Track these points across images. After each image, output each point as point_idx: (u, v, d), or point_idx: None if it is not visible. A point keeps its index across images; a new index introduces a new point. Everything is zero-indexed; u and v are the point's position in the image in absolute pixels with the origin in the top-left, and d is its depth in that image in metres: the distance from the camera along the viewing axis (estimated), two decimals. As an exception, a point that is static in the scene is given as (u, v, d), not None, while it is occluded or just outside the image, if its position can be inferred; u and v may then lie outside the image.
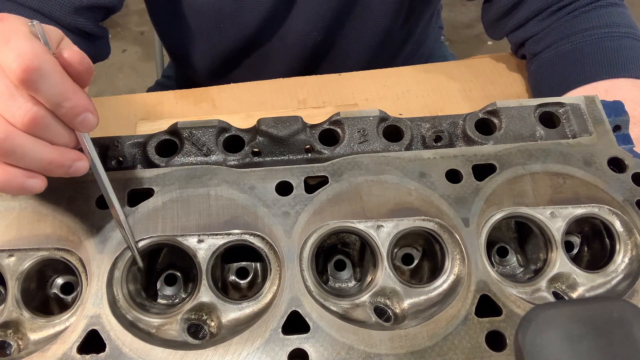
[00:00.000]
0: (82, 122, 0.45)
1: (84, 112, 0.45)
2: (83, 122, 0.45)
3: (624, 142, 0.61)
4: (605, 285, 0.54)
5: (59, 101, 0.43)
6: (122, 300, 0.52)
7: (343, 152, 0.59)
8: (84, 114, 0.45)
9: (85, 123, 0.45)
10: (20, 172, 0.45)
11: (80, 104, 0.44)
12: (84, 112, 0.45)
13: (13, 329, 0.52)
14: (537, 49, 0.84)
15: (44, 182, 0.46)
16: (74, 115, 0.44)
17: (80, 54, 0.44)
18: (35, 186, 0.46)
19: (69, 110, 0.44)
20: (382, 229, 0.54)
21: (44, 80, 0.42)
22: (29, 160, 0.44)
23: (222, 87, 0.90)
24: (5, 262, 0.52)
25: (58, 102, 0.43)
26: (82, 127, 0.46)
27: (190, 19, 0.96)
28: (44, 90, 0.42)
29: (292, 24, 0.95)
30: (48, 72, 0.42)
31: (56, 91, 0.42)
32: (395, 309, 0.53)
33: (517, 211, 0.55)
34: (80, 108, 0.44)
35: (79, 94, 0.44)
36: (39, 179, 0.46)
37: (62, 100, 0.43)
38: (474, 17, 2.60)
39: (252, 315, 0.52)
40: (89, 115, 0.45)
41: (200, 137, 0.59)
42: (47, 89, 0.42)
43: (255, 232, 0.53)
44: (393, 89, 0.88)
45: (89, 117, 0.45)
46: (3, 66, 0.42)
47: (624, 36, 0.78)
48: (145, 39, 2.58)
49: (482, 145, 0.60)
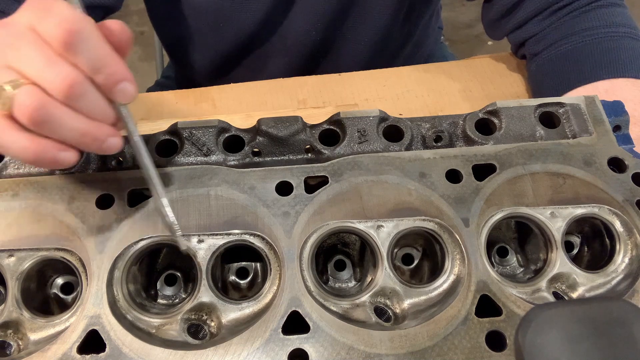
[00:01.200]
0: (121, 92, 0.45)
1: (123, 80, 0.45)
2: (122, 92, 0.45)
3: (624, 142, 0.61)
4: (605, 286, 0.54)
5: (98, 66, 0.43)
6: (122, 300, 0.52)
7: (343, 152, 0.59)
8: (123, 82, 0.45)
9: (124, 92, 0.45)
10: (52, 144, 0.45)
11: (119, 71, 0.44)
12: (122, 80, 0.45)
13: (13, 329, 0.52)
14: (537, 49, 0.84)
15: (76, 155, 0.46)
16: (113, 82, 0.44)
17: (121, 23, 0.45)
18: (68, 159, 0.45)
19: (108, 77, 0.44)
20: (382, 229, 0.54)
21: (86, 44, 0.42)
22: (63, 131, 0.44)
23: (222, 87, 0.90)
24: (5, 262, 0.52)
25: (98, 68, 0.43)
26: (120, 96, 0.45)
27: (189, 19, 0.96)
28: (85, 53, 0.42)
29: (291, 24, 0.95)
30: (89, 36, 0.42)
31: (97, 56, 0.43)
32: (395, 309, 0.53)
33: (517, 211, 0.55)
34: (119, 75, 0.44)
35: (119, 62, 0.44)
36: (71, 151, 0.46)
37: (102, 66, 0.43)
38: (474, 17, 2.60)
39: (252, 315, 0.52)
40: (127, 84, 0.45)
41: (200, 137, 0.59)
42: (88, 53, 0.42)
43: (255, 232, 0.53)
44: (393, 89, 0.88)
45: (128, 87, 0.45)
46: (43, 34, 0.43)
47: (624, 36, 0.78)
48: (145, 39, 2.58)
49: (482, 145, 0.60)
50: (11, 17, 0.46)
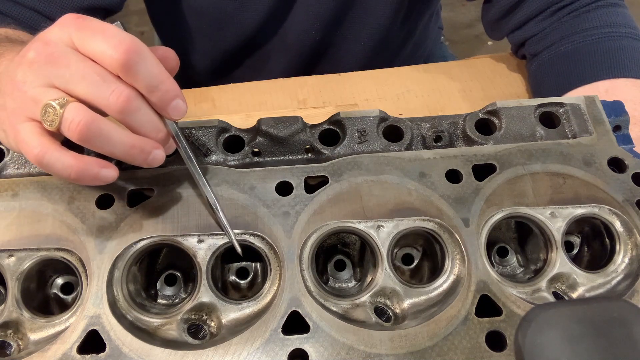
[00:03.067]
0: (175, 108, 0.47)
1: (176, 97, 0.46)
2: (175, 108, 0.47)
3: (624, 142, 0.61)
4: (605, 286, 0.54)
5: (155, 84, 0.45)
6: (122, 300, 0.52)
7: (343, 152, 0.59)
8: (176, 99, 0.47)
9: (177, 109, 0.47)
10: (95, 161, 0.46)
11: (173, 89, 0.46)
12: (176, 97, 0.46)
13: (13, 329, 0.52)
14: (537, 49, 0.84)
15: (117, 172, 0.48)
16: (168, 99, 0.46)
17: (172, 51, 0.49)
18: (109, 176, 0.47)
19: (164, 94, 0.46)
20: (382, 229, 0.54)
21: (144, 63, 0.44)
22: (112, 144, 0.46)
23: (222, 87, 0.89)
24: (5, 262, 0.52)
25: (155, 85, 0.45)
26: (174, 112, 0.47)
27: (190, 19, 0.96)
28: (143, 72, 0.44)
29: (291, 24, 0.95)
30: (147, 56, 0.44)
31: (154, 74, 0.45)
32: (395, 309, 0.53)
33: (517, 211, 0.55)
34: (173, 92, 0.46)
35: (171, 81, 0.46)
36: (112, 169, 0.47)
37: (159, 83, 0.45)
38: (474, 17, 2.60)
39: (252, 315, 0.52)
40: (180, 102, 0.47)
41: (200, 137, 0.59)
42: (145, 71, 0.44)
43: (255, 232, 0.53)
44: (393, 89, 0.88)
45: (181, 104, 0.47)
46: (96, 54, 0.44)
47: (624, 36, 0.78)
48: (145, 39, 2.56)
49: (482, 145, 0.60)
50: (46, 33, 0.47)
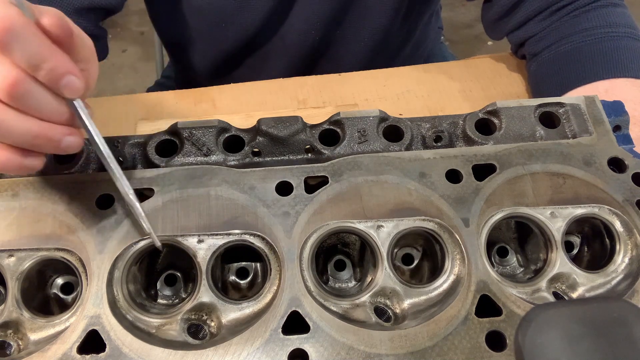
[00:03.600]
0: (67, 86, 0.43)
1: (67, 73, 0.42)
2: (67, 86, 0.43)
3: (624, 142, 0.61)
4: (605, 286, 0.54)
5: (36, 62, 0.41)
6: (122, 300, 0.52)
7: (343, 152, 0.59)
8: (66, 76, 0.42)
9: (70, 87, 0.43)
10: (15, 151, 0.44)
11: (60, 65, 0.42)
12: (66, 73, 0.42)
13: (13, 329, 0.52)
14: (537, 49, 0.84)
15: (42, 159, 0.46)
16: (55, 77, 0.42)
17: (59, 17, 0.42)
18: (33, 164, 0.45)
19: (49, 72, 0.42)
20: (382, 229, 0.54)
21: (19, 41, 0.40)
22: (13, 136, 0.43)
23: (222, 87, 0.90)
24: (5, 262, 0.52)
25: (36, 64, 0.41)
26: (66, 91, 0.43)
27: (190, 19, 0.96)
28: (19, 50, 0.40)
29: (291, 24, 0.95)
30: (22, 32, 0.40)
31: (33, 51, 0.41)
32: (395, 309, 0.53)
33: (517, 211, 0.55)
34: (61, 69, 0.42)
35: (59, 56, 0.42)
36: (35, 156, 0.45)
37: (40, 61, 0.41)
38: (474, 17, 2.60)
39: (252, 315, 0.52)
40: (72, 77, 0.43)
41: (200, 137, 0.59)
42: (22, 50, 0.40)
43: (255, 232, 0.53)
44: (393, 89, 0.88)
45: (73, 80, 0.43)
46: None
47: (624, 36, 0.78)
48: (145, 39, 2.58)
49: (482, 145, 0.60)
50: None
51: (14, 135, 0.43)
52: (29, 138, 0.43)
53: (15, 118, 0.42)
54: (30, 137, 0.43)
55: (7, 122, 0.42)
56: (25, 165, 0.45)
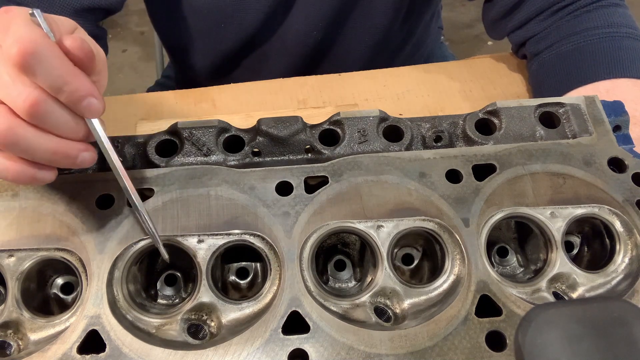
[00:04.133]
0: (87, 107, 0.44)
1: (87, 96, 0.44)
2: (87, 107, 0.44)
3: (624, 142, 0.61)
4: (605, 286, 0.54)
5: (58, 85, 0.42)
6: (122, 300, 0.52)
7: (343, 152, 0.59)
8: (87, 98, 0.44)
9: (89, 108, 0.44)
10: (30, 164, 0.45)
11: (81, 88, 0.43)
12: (86, 96, 0.44)
13: (13, 329, 0.52)
14: (538, 49, 0.84)
15: (54, 173, 0.47)
16: (76, 99, 0.44)
17: (81, 40, 0.43)
18: (46, 177, 0.46)
19: (70, 95, 0.43)
20: (382, 229, 0.54)
21: (42, 64, 0.41)
22: (33, 152, 0.44)
23: (222, 87, 0.89)
24: (5, 262, 0.52)
25: (58, 86, 0.42)
26: (86, 112, 0.45)
27: (190, 19, 0.96)
28: (42, 74, 0.42)
29: (291, 24, 0.95)
30: (46, 56, 0.41)
31: (55, 75, 0.42)
32: (395, 309, 0.53)
33: (517, 211, 0.55)
34: (82, 92, 0.44)
35: (80, 78, 0.44)
36: (48, 170, 0.46)
37: (62, 84, 0.42)
38: (474, 17, 2.60)
39: (252, 315, 0.52)
40: (92, 99, 0.44)
41: (200, 137, 0.59)
42: (45, 73, 0.41)
43: (255, 232, 0.53)
44: (393, 89, 0.88)
45: (93, 102, 0.44)
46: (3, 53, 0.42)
47: (624, 36, 0.78)
48: (145, 39, 2.58)
49: (482, 145, 0.60)
50: None
51: (33, 152, 0.44)
52: (47, 155, 0.45)
53: (35, 135, 0.44)
54: (48, 154, 0.45)
55: (26, 139, 0.43)
56: (37, 178, 0.46)
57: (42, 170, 0.46)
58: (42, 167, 0.46)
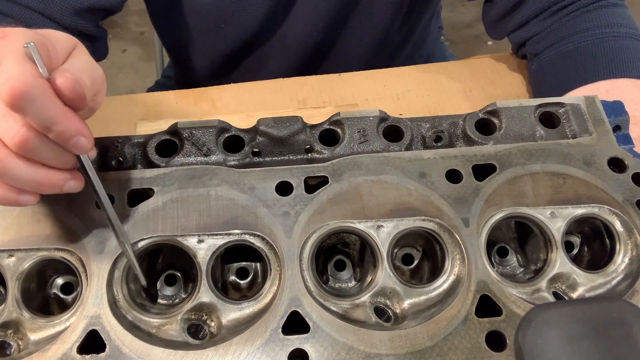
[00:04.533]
0: (75, 146, 0.45)
1: (75, 135, 0.44)
2: (75, 146, 0.45)
3: (624, 142, 0.61)
4: (605, 286, 0.54)
5: (47, 125, 0.43)
6: (122, 300, 0.52)
7: (343, 152, 0.59)
8: (75, 137, 0.44)
9: (77, 146, 0.45)
10: (14, 189, 0.46)
11: (70, 129, 0.44)
12: (75, 135, 0.44)
13: (13, 329, 0.52)
14: (538, 49, 0.84)
15: (37, 198, 0.48)
16: (64, 139, 0.44)
17: (73, 81, 0.43)
18: (29, 201, 0.47)
19: (59, 134, 0.43)
20: (382, 229, 0.54)
21: (32, 105, 0.41)
22: (19, 182, 0.45)
23: (222, 87, 0.90)
24: (5, 262, 0.52)
25: (47, 126, 0.43)
26: (75, 149, 0.46)
27: (190, 19, 0.96)
28: (32, 114, 0.42)
29: (291, 24, 0.95)
30: (36, 97, 0.41)
31: (45, 116, 0.42)
32: (395, 309, 0.53)
33: (517, 211, 0.55)
34: (71, 132, 0.44)
35: (70, 118, 0.44)
36: (31, 195, 0.47)
37: (51, 125, 0.43)
38: (474, 17, 2.60)
39: (252, 315, 0.52)
40: (81, 138, 0.45)
41: (200, 137, 0.59)
42: (35, 114, 0.42)
43: (255, 232, 0.53)
44: (393, 89, 0.88)
45: (81, 141, 0.45)
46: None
47: (625, 37, 0.78)
48: (145, 39, 2.58)
49: (482, 145, 0.60)
50: None
51: (20, 182, 0.45)
52: (33, 185, 0.46)
53: (23, 167, 0.45)
54: (35, 184, 0.46)
55: (14, 169, 0.44)
56: (20, 202, 0.47)
57: (25, 195, 0.47)
58: (26, 192, 0.47)
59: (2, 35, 0.44)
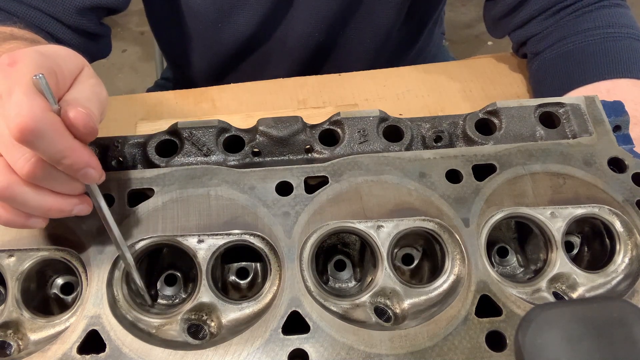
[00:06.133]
0: (84, 177, 0.45)
1: (84, 168, 0.45)
2: (84, 177, 0.45)
3: (624, 142, 0.61)
4: (605, 286, 0.54)
5: (57, 159, 0.43)
6: (122, 300, 0.52)
7: (343, 153, 0.59)
8: (84, 169, 0.45)
9: (86, 177, 0.46)
10: (22, 214, 0.47)
11: (79, 161, 0.44)
12: (84, 168, 0.45)
13: (13, 329, 0.52)
14: (539, 48, 0.84)
15: (45, 221, 0.48)
16: (74, 170, 0.45)
17: (86, 116, 0.43)
18: (36, 224, 0.48)
19: (68, 167, 0.44)
20: (382, 229, 0.54)
21: (41, 140, 0.41)
22: (28, 208, 0.46)
23: (222, 87, 0.90)
24: (5, 262, 0.52)
25: (56, 160, 0.43)
26: (84, 180, 0.46)
27: (188, 20, 0.95)
28: (41, 149, 0.42)
29: (291, 25, 0.95)
30: (45, 132, 0.41)
31: (54, 150, 0.42)
32: (396, 309, 0.53)
33: (517, 211, 0.55)
34: (80, 165, 0.44)
35: (79, 151, 0.44)
36: (40, 218, 0.48)
37: (61, 158, 0.43)
38: (474, 17, 2.60)
39: (252, 315, 0.52)
40: (89, 170, 0.45)
41: (200, 137, 0.59)
42: (44, 148, 0.42)
43: (255, 232, 0.53)
44: (393, 89, 0.88)
45: (90, 172, 0.45)
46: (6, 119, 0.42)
47: (626, 37, 0.78)
48: (145, 39, 2.58)
49: (482, 145, 0.60)
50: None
51: (29, 207, 0.46)
52: (42, 211, 0.46)
53: (32, 193, 0.45)
54: (43, 210, 0.46)
55: (23, 196, 0.45)
56: (28, 225, 0.48)
57: (33, 219, 0.47)
58: (34, 216, 0.47)
59: (11, 62, 0.43)
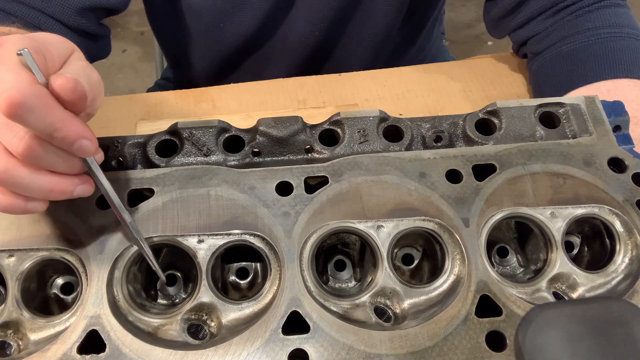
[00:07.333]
0: (79, 149, 0.45)
1: (78, 139, 0.44)
2: (79, 149, 0.45)
3: (624, 142, 0.61)
4: (605, 286, 0.54)
5: (49, 132, 0.42)
6: (122, 300, 0.52)
7: (343, 153, 0.59)
8: (78, 141, 0.44)
9: (81, 150, 0.45)
10: (22, 197, 0.46)
11: (72, 133, 0.43)
12: (78, 139, 0.44)
13: (13, 329, 0.52)
14: (539, 48, 0.84)
15: (46, 204, 0.48)
16: (67, 144, 0.44)
17: (73, 81, 0.42)
18: (37, 208, 0.47)
19: (62, 140, 0.43)
20: (382, 229, 0.54)
21: (30, 114, 0.41)
22: (29, 191, 0.45)
23: (222, 87, 0.90)
24: (5, 262, 0.52)
25: (49, 133, 0.42)
26: (79, 153, 0.45)
27: (189, 20, 0.95)
28: (32, 123, 0.41)
29: (292, 25, 0.95)
30: (34, 105, 0.41)
31: (45, 123, 0.42)
32: (396, 309, 0.53)
33: (517, 211, 0.55)
34: (73, 136, 0.43)
35: (71, 123, 0.43)
36: (39, 202, 0.47)
37: (52, 131, 0.42)
38: (474, 17, 2.60)
39: (252, 315, 0.52)
40: (84, 142, 0.44)
41: (200, 137, 0.59)
42: (34, 122, 0.41)
43: (255, 232, 0.53)
44: (393, 89, 0.88)
45: (85, 144, 0.44)
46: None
47: (626, 37, 0.78)
48: (145, 39, 2.58)
49: (482, 145, 0.60)
50: None
51: (29, 190, 0.45)
52: (43, 193, 0.46)
53: (31, 175, 0.44)
54: (44, 192, 0.46)
55: (22, 179, 0.44)
56: (28, 210, 0.47)
57: (33, 202, 0.47)
58: (34, 200, 0.47)
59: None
